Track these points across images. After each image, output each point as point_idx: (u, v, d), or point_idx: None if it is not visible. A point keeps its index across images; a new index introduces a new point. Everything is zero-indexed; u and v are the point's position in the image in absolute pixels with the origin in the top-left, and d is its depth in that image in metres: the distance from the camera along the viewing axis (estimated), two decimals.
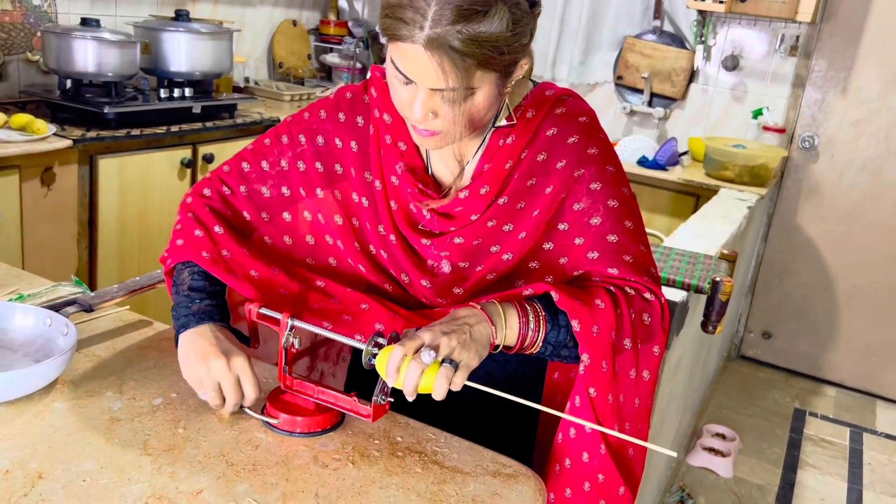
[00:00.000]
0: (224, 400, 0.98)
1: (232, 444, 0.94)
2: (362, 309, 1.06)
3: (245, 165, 1.13)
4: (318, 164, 1.10)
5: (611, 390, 0.99)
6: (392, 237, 1.07)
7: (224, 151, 2.92)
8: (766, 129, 3.32)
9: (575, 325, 0.96)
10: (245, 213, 1.13)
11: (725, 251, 1.96)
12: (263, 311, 1.01)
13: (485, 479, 0.93)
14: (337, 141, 1.10)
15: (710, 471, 2.68)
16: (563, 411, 1.00)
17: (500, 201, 1.03)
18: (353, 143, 1.09)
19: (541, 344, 0.98)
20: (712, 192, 2.90)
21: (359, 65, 4.06)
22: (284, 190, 1.12)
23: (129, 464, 0.87)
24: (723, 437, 2.85)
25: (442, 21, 0.83)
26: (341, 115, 1.10)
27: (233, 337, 1.03)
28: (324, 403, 1.00)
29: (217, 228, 1.09)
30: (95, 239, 2.52)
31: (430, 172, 1.07)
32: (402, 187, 1.06)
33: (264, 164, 1.12)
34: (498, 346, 0.96)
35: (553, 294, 0.97)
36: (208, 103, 2.91)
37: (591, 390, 0.97)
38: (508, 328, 0.95)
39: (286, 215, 1.12)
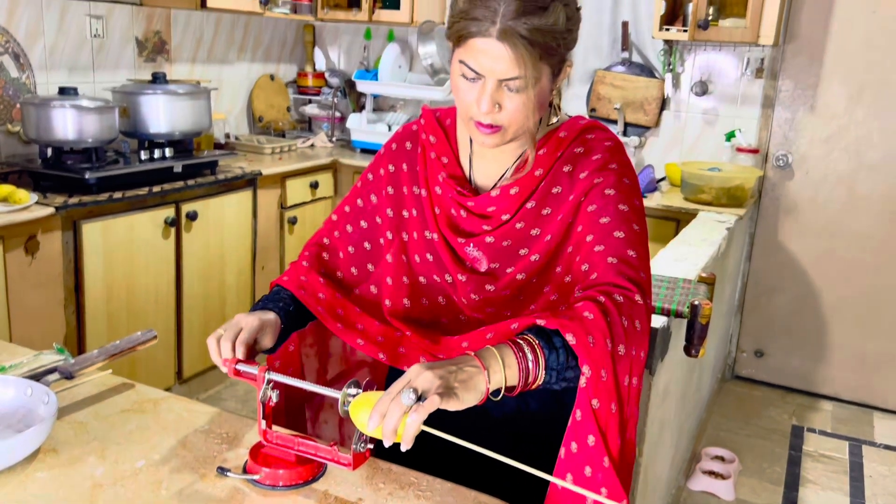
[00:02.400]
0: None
1: (215, 502, 0.95)
2: (395, 336, 1.20)
3: (333, 217, 1.33)
4: (388, 211, 1.26)
5: (613, 399, 0.99)
6: (435, 236, 1.20)
7: (207, 208, 2.95)
8: (739, 150, 3.38)
9: (570, 338, 0.96)
10: (339, 273, 1.30)
11: (704, 274, 1.99)
12: (240, 367, 1.03)
13: None
14: (390, 167, 1.27)
15: (712, 494, 2.67)
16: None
17: (529, 205, 1.15)
18: (404, 165, 1.26)
19: (543, 372, 0.97)
20: (692, 215, 2.94)
21: (338, 113, 4.12)
22: (367, 245, 1.29)
23: None
24: (722, 459, 2.84)
25: (511, 15, 1.00)
26: (394, 146, 1.29)
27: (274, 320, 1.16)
28: (305, 455, 1.01)
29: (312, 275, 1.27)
30: (82, 304, 2.54)
31: (470, 181, 1.21)
32: (445, 194, 1.20)
33: (348, 228, 1.31)
34: (499, 392, 0.95)
35: (539, 321, 0.99)
36: (189, 162, 2.95)
37: (595, 402, 0.97)
38: (507, 367, 0.94)
39: (370, 266, 1.29)
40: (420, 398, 0.89)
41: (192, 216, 2.88)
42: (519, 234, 1.15)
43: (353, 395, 0.95)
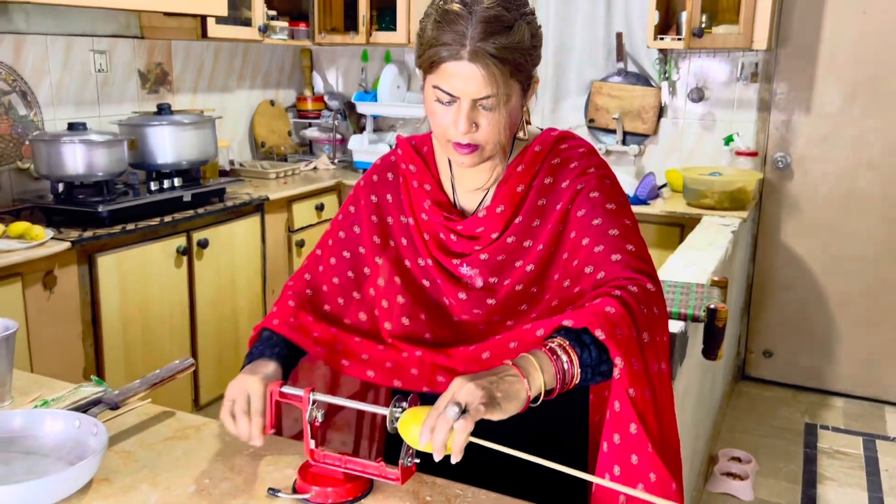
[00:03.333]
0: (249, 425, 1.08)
1: None
2: (402, 357, 1.19)
3: (318, 251, 1.33)
4: (375, 238, 1.27)
5: (646, 386, 1.02)
6: (429, 261, 1.22)
7: (217, 235, 2.98)
8: (738, 153, 3.43)
9: (599, 334, 0.99)
10: (326, 307, 1.28)
11: (716, 278, 2.02)
12: (285, 389, 1.06)
13: None
14: (373, 197, 1.28)
15: (731, 495, 2.69)
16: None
17: (517, 220, 1.18)
18: (388, 196, 1.28)
19: (579, 371, 0.99)
20: (695, 220, 2.98)
21: (338, 136, 4.16)
22: (350, 274, 1.29)
23: None
24: (738, 460, 2.86)
25: (479, 37, 1.04)
26: (375, 177, 1.31)
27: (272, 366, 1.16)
28: (352, 472, 1.03)
29: (298, 311, 1.26)
30: (100, 335, 2.56)
31: (454, 204, 1.23)
32: (432, 220, 1.22)
33: (332, 260, 1.30)
34: (537, 399, 0.97)
35: (566, 322, 1.02)
36: (198, 190, 2.98)
37: (631, 391, 1.00)
38: (545, 373, 0.97)
39: (356, 294, 1.28)
40: (465, 411, 0.92)
41: (203, 244, 2.91)
42: (511, 248, 1.18)
43: (401, 412, 0.98)
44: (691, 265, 2.24)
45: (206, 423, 1.24)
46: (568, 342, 1.00)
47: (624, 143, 3.62)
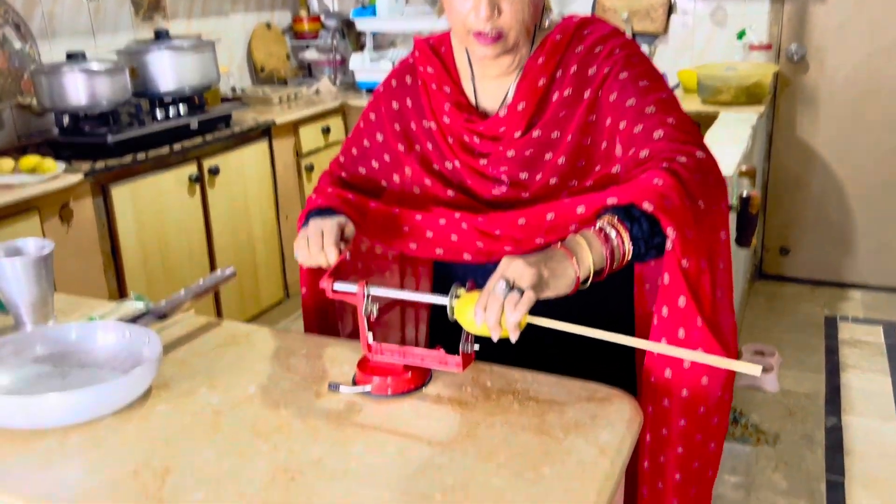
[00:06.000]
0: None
1: (335, 415, 0.97)
2: (440, 225, 1.15)
3: (341, 158, 1.33)
4: (399, 146, 1.25)
5: (702, 256, 0.99)
6: (456, 162, 1.19)
7: (227, 162, 2.94)
8: (752, 48, 3.34)
9: (647, 206, 0.95)
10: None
11: (744, 168, 1.99)
12: (338, 286, 1.04)
13: (581, 406, 0.97)
14: (394, 104, 1.25)
15: (757, 388, 2.73)
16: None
17: (541, 115, 1.14)
18: (408, 101, 1.24)
19: (630, 246, 0.96)
20: (712, 118, 2.92)
21: (338, 56, 4.06)
22: (374, 164, 1.28)
23: (246, 447, 0.91)
24: (762, 353, 2.89)
25: None
26: (394, 82, 1.27)
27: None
28: (411, 363, 1.03)
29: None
30: (121, 267, 2.55)
31: (475, 105, 1.19)
32: (453, 122, 1.19)
33: (354, 151, 1.31)
34: (587, 280, 0.94)
35: (610, 200, 0.99)
36: (204, 117, 2.92)
37: (684, 262, 0.97)
38: (594, 251, 0.94)
39: (384, 182, 1.28)
40: (513, 288, 0.90)
41: (215, 171, 2.87)
42: (539, 142, 1.14)
43: (458, 299, 0.97)
44: (717, 158, 2.20)
45: (256, 329, 1.23)
46: (616, 217, 0.97)
47: None
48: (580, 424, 0.93)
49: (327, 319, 1.33)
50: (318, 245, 1.08)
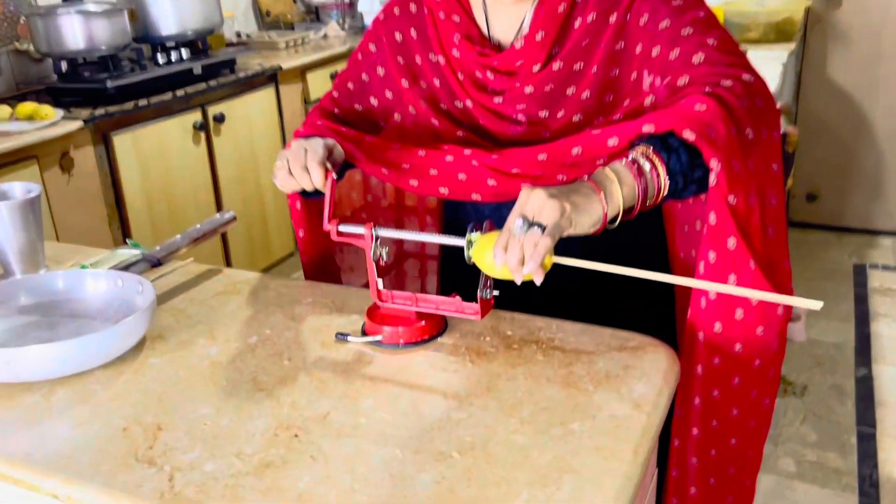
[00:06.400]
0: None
1: (343, 366, 0.89)
2: (447, 162, 1.01)
3: (335, 93, 1.19)
4: (403, 82, 1.12)
5: (751, 191, 0.88)
6: (468, 102, 1.06)
7: (233, 109, 2.84)
8: None
9: (688, 134, 0.84)
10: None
11: (779, 105, 1.87)
12: (344, 227, 0.95)
13: (612, 356, 0.88)
14: (397, 35, 1.12)
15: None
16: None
17: (560, 45, 1.01)
18: (412, 31, 1.11)
19: (667, 180, 0.85)
20: None
21: None
22: (373, 101, 1.16)
23: (245, 401, 0.83)
24: None
25: None
26: (396, 10, 1.13)
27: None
28: (425, 311, 0.94)
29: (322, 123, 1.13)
30: (126, 218, 2.48)
31: (488, 36, 1.06)
32: (464, 56, 1.06)
33: (350, 85, 1.18)
34: (615, 219, 0.84)
35: (646, 127, 0.87)
36: (207, 62, 2.81)
37: (731, 198, 0.86)
38: (624, 185, 0.83)
39: (382, 123, 1.16)
40: (532, 224, 0.80)
41: (220, 118, 2.77)
42: (560, 75, 1.01)
43: (476, 239, 0.88)
44: None
45: (258, 277, 1.15)
46: (652, 148, 0.85)
47: None
48: (611, 376, 0.84)
49: (329, 269, 1.24)
50: (299, 164, 0.96)
